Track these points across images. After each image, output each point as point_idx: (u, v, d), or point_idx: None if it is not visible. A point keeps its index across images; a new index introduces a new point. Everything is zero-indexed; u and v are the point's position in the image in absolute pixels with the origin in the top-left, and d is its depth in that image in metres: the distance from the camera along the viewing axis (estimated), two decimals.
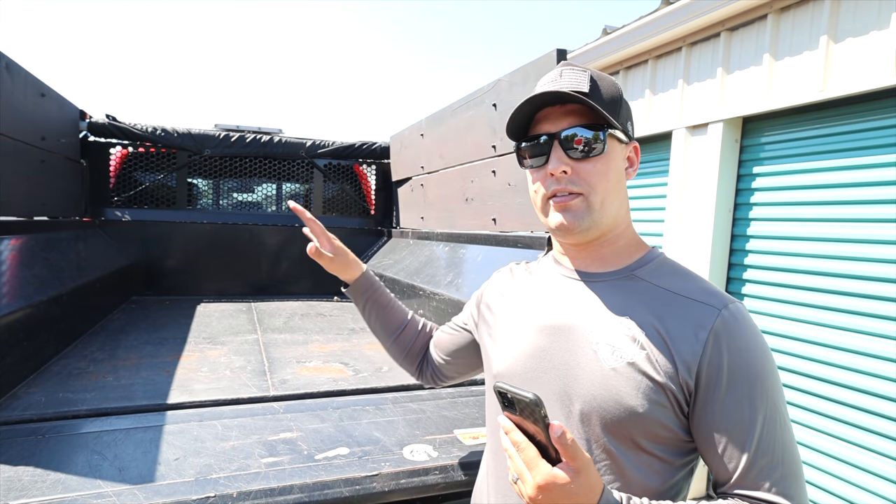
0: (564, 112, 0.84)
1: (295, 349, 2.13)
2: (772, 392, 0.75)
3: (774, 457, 0.73)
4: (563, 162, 0.82)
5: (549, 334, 0.87)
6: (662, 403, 0.76)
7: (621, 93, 0.87)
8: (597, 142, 0.82)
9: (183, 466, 1.12)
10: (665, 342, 0.77)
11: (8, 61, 2.05)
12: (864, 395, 2.78)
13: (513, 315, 0.96)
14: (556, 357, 0.85)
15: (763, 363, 0.75)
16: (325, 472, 1.12)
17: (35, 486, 1.01)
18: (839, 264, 2.91)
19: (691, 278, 0.84)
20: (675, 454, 0.79)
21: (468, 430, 1.38)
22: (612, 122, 0.81)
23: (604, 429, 0.78)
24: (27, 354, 1.67)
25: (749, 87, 3.32)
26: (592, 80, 0.83)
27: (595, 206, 0.83)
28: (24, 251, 1.97)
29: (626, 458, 0.78)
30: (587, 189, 0.82)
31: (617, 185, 0.85)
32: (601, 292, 0.86)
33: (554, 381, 0.84)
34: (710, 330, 0.75)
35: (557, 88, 0.82)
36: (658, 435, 0.77)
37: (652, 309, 0.80)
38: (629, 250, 0.88)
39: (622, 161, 0.87)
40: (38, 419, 1.36)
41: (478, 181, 2.40)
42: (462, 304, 1.99)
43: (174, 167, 3.34)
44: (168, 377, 1.69)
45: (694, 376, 0.75)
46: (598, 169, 0.82)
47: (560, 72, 0.85)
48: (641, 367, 0.76)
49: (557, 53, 1.80)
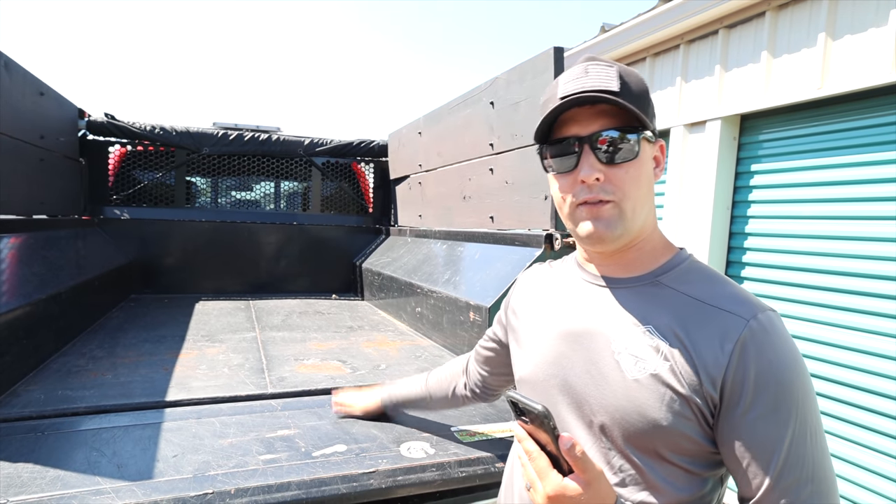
0: (595, 113, 0.78)
1: (293, 347, 2.14)
2: (802, 406, 0.71)
3: (803, 474, 0.69)
4: (596, 168, 0.77)
5: (571, 341, 0.85)
6: (687, 416, 0.73)
7: (648, 88, 0.82)
8: (630, 145, 0.77)
9: (181, 463, 1.13)
10: (689, 353, 0.73)
11: (7, 60, 2.05)
12: (865, 394, 2.79)
13: (536, 320, 0.94)
14: (578, 365, 0.83)
15: (793, 376, 0.71)
16: (323, 468, 1.13)
17: (34, 483, 1.02)
18: (837, 262, 2.92)
19: (719, 283, 0.79)
20: (702, 466, 0.76)
21: (465, 427, 1.39)
22: (646, 122, 0.77)
23: (627, 440, 0.76)
24: (26, 352, 1.67)
25: (747, 84, 3.33)
26: (621, 78, 0.77)
27: (627, 214, 0.78)
28: (23, 249, 1.97)
29: (652, 470, 0.76)
30: (620, 196, 0.78)
31: (648, 190, 0.81)
32: (624, 299, 0.82)
33: (575, 389, 0.82)
34: (737, 342, 0.71)
35: (584, 87, 0.76)
36: (683, 447, 0.74)
37: (676, 318, 0.76)
38: (654, 254, 0.84)
39: (651, 162, 0.82)
40: (37, 416, 1.36)
41: (475, 179, 2.40)
42: (460, 302, 2.00)
43: (173, 165, 3.35)
44: (166, 375, 1.70)
45: (718, 389, 0.71)
46: (632, 174, 0.78)
47: (585, 67, 0.79)
48: (665, 378, 0.74)
49: (555, 51, 1.81)
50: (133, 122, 3.21)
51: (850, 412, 2.85)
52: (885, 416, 2.69)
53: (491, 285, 1.91)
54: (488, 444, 1.29)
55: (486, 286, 1.94)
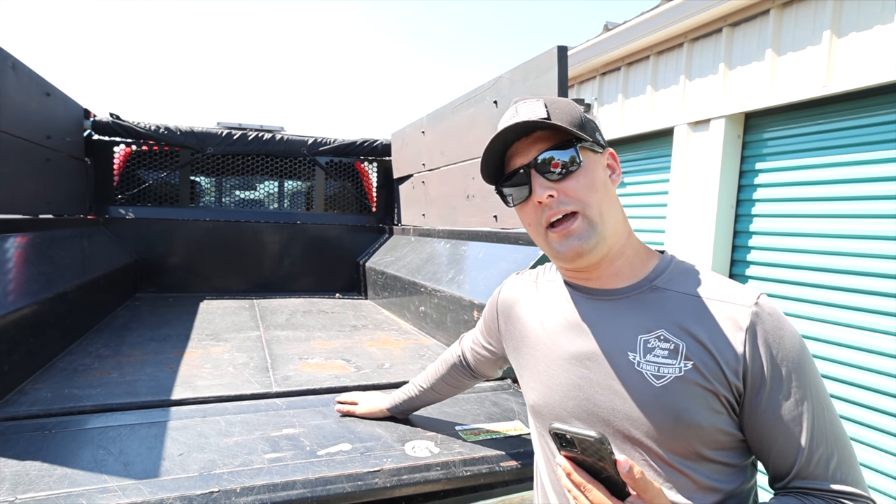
0: (531, 142, 0.85)
1: (297, 346, 2.14)
2: (814, 380, 0.75)
3: (829, 445, 0.74)
4: (546, 187, 0.82)
5: (586, 361, 0.85)
6: (718, 410, 0.75)
7: (580, 109, 0.87)
8: (571, 158, 0.82)
9: (187, 462, 1.13)
10: (706, 349, 0.76)
11: (14, 61, 2.06)
12: (870, 392, 2.78)
13: (540, 344, 0.93)
14: (599, 384, 0.83)
15: (801, 350, 0.76)
16: (328, 467, 1.13)
17: (42, 481, 1.03)
18: (842, 260, 2.91)
19: (712, 279, 0.83)
20: (738, 456, 0.78)
21: (470, 426, 1.39)
22: (579, 135, 0.81)
23: (665, 447, 0.77)
24: (33, 351, 1.69)
25: (751, 82, 3.31)
26: (547, 107, 0.83)
27: (596, 220, 0.81)
28: (29, 249, 1.98)
29: (695, 471, 0.77)
30: (580, 205, 0.81)
31: (607, 194, 0.84)
32: (629, 309, 0.84)
33: (601, 408, 0.82)
34: (747, 329, 0.75)
35: (515, 122, 0.83)
36: (720, 441, 0.76)
37: (684, 318, 0.79)
38: (641, 258, 0.87)
39: (603, 170, 0.86)
40: (44, 415, 1.37)
41: (479, 178, 2.39)
42: (463, 301, 2.00)
43: (177, 165, 3.36)
44: (172, 373, 1.71)
45: (741, 377, 0.75)
46: (583, 183, 0.82)
47: (515, 108, 0.86)
48: (692, 378, 0.75)
49: (558, 50, 1.81)
50: (138, 122, 3.22)
51: (855, 411, 2.84)
52: (890, 416, 2.68)
53: (495, 284, 1.90)
54: (493, 443, 1.29)
55: (490, 285, 1.94)
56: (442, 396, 1.36)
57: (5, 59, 1.99)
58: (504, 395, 1.64)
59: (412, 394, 1.35)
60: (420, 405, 1.39)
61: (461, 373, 1.27)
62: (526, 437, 1.34)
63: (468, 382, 1.30)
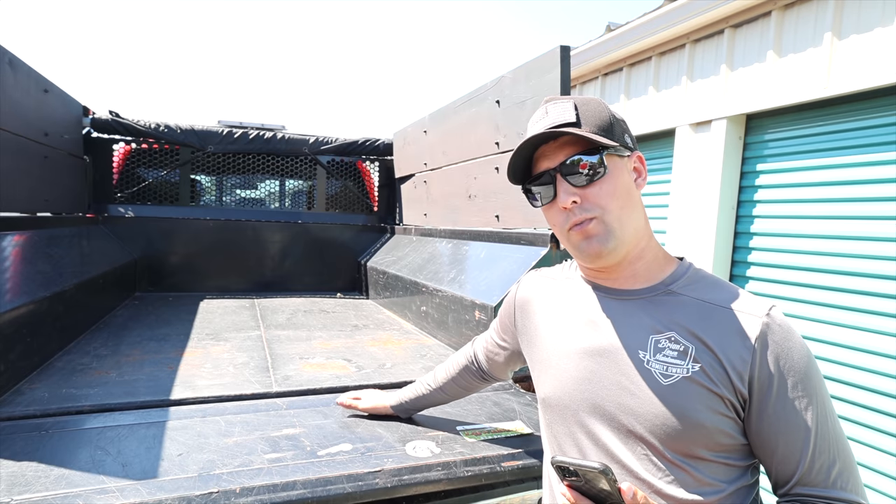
0: (559, 145, 0.87)
1: (298, 346, 2.13)
2: (819, 390, 0.77)
3: (831, 453, 0.76)
4: (570, 193, 0.85)
5: (598, 356, 0.87)
6: (723, 413, 0.77)
7: (609, 110, 0.89)
8: (596, 164, 0.84)
9: (186, 462, 1.12)
10: (715, 354, 0.78)
11: (11, 57, 2.05)
12: (870, 394, 2.78)
13: (555, 339, 0.96)
14: (608, 380, 0.85)
15: (808, 362, 0.77)
16: (328, 468, 1.12)
17: (39, 482, 1.02)
18: (843, 261, 2.90)
19: (725, 287, 0.85)
20: (740, 458, 0.81)
21: (471, 426, 1.38)
22: (606, 143, 0.83)
23: (668, 445, 0.79)
24: (31, 350, 1.67)
25: (753, 83, 3.31)
26: (577, 108, 0.85)
27: (613, 225, 0.84)
28: (27, 247, 1.97)
29: (696, 469, 0.79)
30: (600, 212, 0.84)
31: (629, 200, 0.87)
32: (643, 309, 0.86)
33: (609, 403, 0.85)
34: (757, 338, 0.77)
35: (545, 126, 0.86)
36: (722, 444, 0.79)
37: (697, 322, 0.81)
38: (659, 263, 0.89)
39: (628, 174, 0.88)
40: (41, 415, 1.36)
41: (481, 178, 2.39)
42: (465, 301, 1.99)
43: (177, 163, 3.35)
44: (171, 373, 1.70)
45: (747, 384, 0.77)
46: (605, 190, 0.84)
47: (546, 109, 0.88)
48: (699, 380, 0.78)
49: (561, 50, 1.80)
50: (138, 120, 3.21)
51: (855, 412, 2.83)
52: (889, 416, 2.67)
53: (496, 284, 1.91)
54: (494, 443, 1.28)
55: (492, 285, 1.93)
56: (450, 398, 1.35)
57: (2, 55, 1.98)
58: (505, 395, 1.63)
59: (420, 392, 1.35)
60: (426, 405, 1.38)
61: (472, 374, 1.27)
62: (527, 437, 1.33)
63: (478, 384, 1.30)
